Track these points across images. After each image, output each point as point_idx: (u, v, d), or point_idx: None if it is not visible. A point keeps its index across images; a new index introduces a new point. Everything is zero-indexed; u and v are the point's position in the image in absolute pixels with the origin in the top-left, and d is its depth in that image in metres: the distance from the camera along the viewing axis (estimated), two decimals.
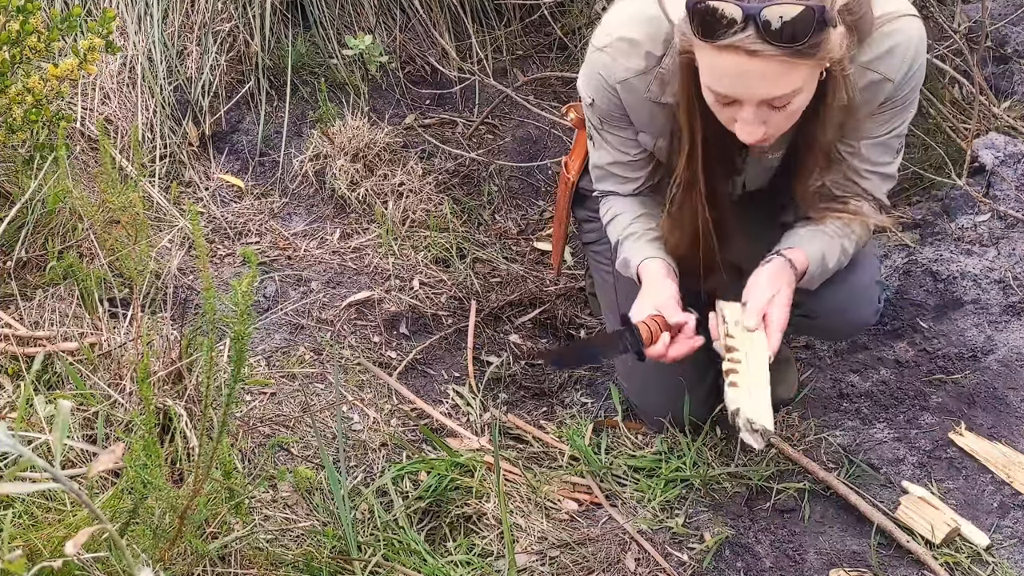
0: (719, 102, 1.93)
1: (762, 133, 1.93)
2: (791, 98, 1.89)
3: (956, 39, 3.32)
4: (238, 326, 1.66)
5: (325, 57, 3.63)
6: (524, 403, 2.75)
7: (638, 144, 2.27)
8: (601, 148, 2.31)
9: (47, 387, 2.30)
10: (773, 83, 1.85)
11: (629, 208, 2.33)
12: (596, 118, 2.25)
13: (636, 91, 2.14)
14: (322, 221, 3.27)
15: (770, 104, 1.89)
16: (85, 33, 2.66)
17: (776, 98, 1.88)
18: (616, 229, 2.34)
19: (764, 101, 1.88)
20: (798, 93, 1.89)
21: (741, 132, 1.94)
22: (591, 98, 2.21)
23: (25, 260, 2.63)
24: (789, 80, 1.85)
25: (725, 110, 1.94)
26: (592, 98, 2.21)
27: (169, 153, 3.34)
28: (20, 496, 1.88)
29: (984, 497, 2.38)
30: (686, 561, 2.24)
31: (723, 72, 1.87)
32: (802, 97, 1.91)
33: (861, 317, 2.44)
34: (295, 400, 2.56)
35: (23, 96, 2.56)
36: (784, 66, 1.82)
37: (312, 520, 2.24)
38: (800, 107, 1.93)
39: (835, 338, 2.69)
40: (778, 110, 1.90)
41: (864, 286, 2.38)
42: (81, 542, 1.10)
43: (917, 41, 2.07)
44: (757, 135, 1.93)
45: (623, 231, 2.31)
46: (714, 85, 1.91)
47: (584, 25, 3.82)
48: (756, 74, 1.83)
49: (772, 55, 1.80)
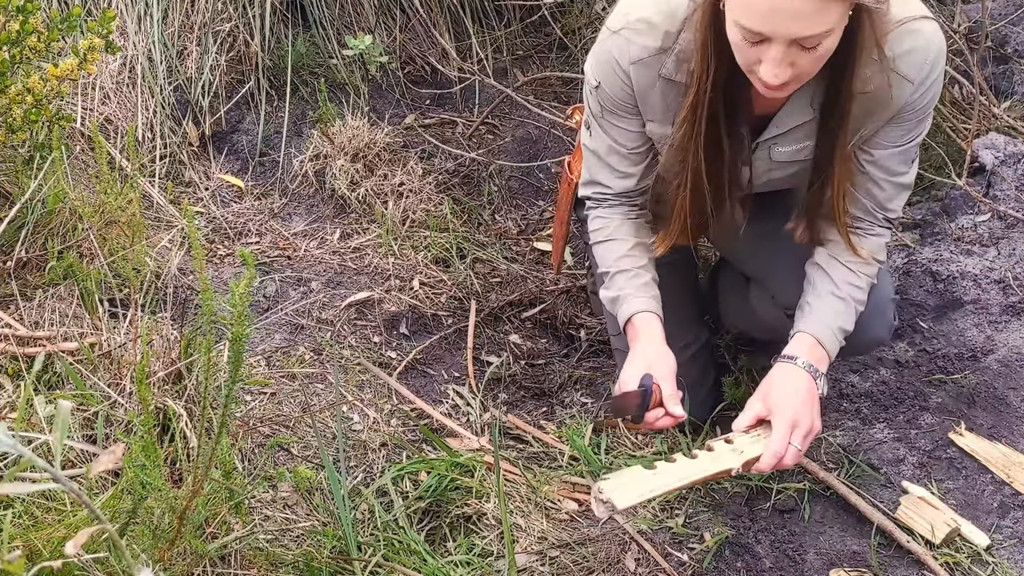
0: (747, 40, 1.86)
1: (788, 75, 1.87)
2: (822, 39, 1.83)
3: (956, 39, 3.32)
4: (236, 327, 1.66)
5: (325, 57, 3.63)
6: (524, 403, 2.75)
7: (637, 138, 2.22)
8: (599, 136, 2.25)
9: (47, 387, 2.30)
10: (807, 21, 1.79)
11: (624, 234, 2.28)
12: (598, 104, 2.20)
13: (650, 69, 2.09)
14: (322, 221, 3.27)
15: (800, 44, 1.83)
16: (85, 33, 2.65)
17: (808, 37, 1.82)
18: (609, 256, 2.28)
19: (795, 40, 1.82)
20: (829, 34, 1.83)
21: (766, 73, 1.86)
22: (598, 81, 2.16)
23: (25, 260, 2.63)
24: (823, 19, 1.80)
25: (751, 50, 1.87)
26: (599, 81, 2.16)
27: (169, 153, 3.33)
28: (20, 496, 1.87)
29: (984, 497, 2.37)
30: (686, 561, 2.24)
31: (756, 8, 1.81)
32: (831, 39, 1.85)
33: (876, 335, 2.41)
34: (295, 400, 2.56)
35: (23, 96, 2.55)
36: (820, 3, 1.77)
37: (312, 520, 2.24)
38: (828, 51, 1.87)
39: (848, 355, 2.61)
40: (807, 51, 1.84)
41: (879, 304, 2.34)
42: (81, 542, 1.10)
43: (938, 47, 2.04)
44: (783, 76, 1.86)
45: (616, 262, 2.26)
46: (745, 21, 1.83)
47: (584, 25, 3.82)
48: (790, 11, 1.78)
49: None
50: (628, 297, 2.23)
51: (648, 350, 2.17)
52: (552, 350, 2.94)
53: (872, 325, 2.34)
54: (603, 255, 2.30)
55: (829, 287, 2.21)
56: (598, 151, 2.27)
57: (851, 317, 2.21)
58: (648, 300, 2.23)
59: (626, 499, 1.94)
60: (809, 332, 2.18)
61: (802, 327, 2.20)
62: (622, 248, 2.28)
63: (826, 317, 2.19)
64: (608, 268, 2.28)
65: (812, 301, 2.22)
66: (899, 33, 1.98)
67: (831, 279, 2.21)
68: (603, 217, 2.31)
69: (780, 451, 2.04)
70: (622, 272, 2.26)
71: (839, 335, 2.20)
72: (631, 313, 2.22)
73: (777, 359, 2.18)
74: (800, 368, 2.14)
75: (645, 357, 2.16)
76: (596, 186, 2.31)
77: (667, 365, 2.14)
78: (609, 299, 2.27)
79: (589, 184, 2.33)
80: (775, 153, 2.19)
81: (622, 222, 2.30)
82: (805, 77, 1.93)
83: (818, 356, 2.17)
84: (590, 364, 2.89)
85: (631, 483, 1.98)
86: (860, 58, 1.94)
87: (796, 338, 2.19)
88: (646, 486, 1.98)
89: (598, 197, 2.32)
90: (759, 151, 2.18)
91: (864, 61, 1.95)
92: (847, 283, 2.21)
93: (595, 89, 2.18)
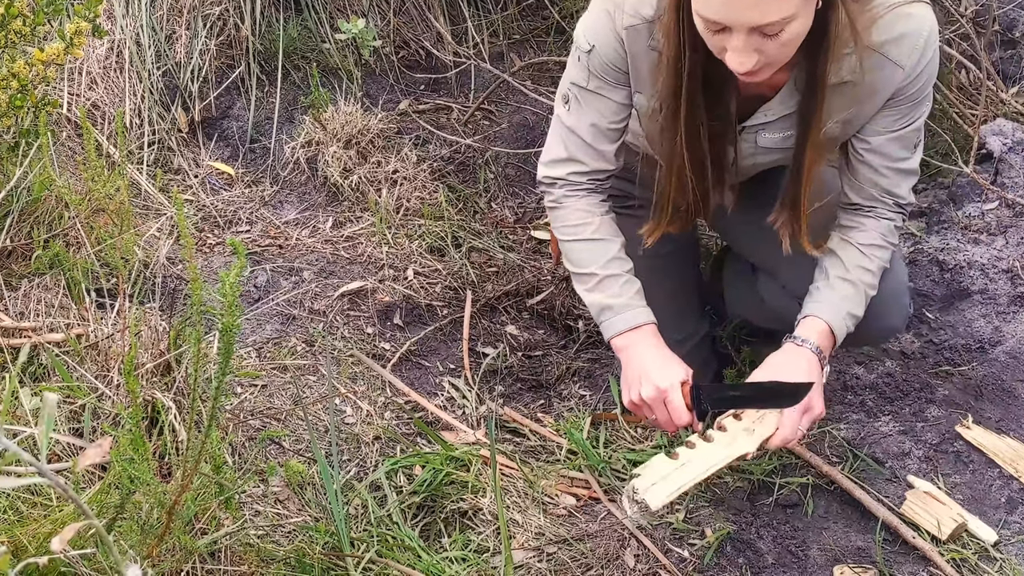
0: (709, 29, 1.87)
1: (754, 62, 1.86)
2: (783, 25, 1.82)
3: (963, 23, 3.32)
4: (226, 318, 1.64)
5: (317, 41, 3.62)
6: (521, 396, 2.74)
7: (619, 111, 2.19)
8: (578, 110, 2.20)
9: (33, 379, 2.29)
10: (764, 9, 1.79)
11: (608, 233, 2.25)
12: (587, 71, 2.16)
13: (641, 37, 2.07)
14: (314, 209, 3.25)
15: (762, 32, 1.82)
16: (72, 16, 2.65)
17: (767, 25, 1.81)
18: (598, 258, 2.24)
19: (755, 28, 1.82)
20: (790, 20, 1.82)
21: (732, 61, 1.87)
22: (592, 44, 2.12)
23: (10, 249, 2.62)
24: (781, 6, 1.79)
25: (715, 38, 1.87)
26: (593, 44, 2.12)
27: (158, 140, 3.32)
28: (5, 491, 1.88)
29: (992, 492, 2.36)
30: (687, 557, 2.23)
31: None
32: (796, 25, 1.84)
33: (891, 324, 2.42)
34: (286, 392, 2.55)
35: (8, 81, 2.55)
36: None
37: (304, 515, 2.23)
38: (795, 37, 1.86)
39: (863, 345, 2.63)
40: (770, 38, 1.84)
41: (894, 292, 2.34)
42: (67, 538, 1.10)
43: (929, 30, 2.02)
44: (748, 64, 1.86)
45: (606, 265, 2.23)
46: (703, 10, 1.84)
47: (581, 8, 3.79)
48: (746, 0, 1.78)
49: None
50: (630, 307, 2.22)
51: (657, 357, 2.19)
52: (550, 341, 2.93)
53: (888, 313, 2.35)
54: (589, 255, 2.26)
55: (839, 271, 2.21)
56: (576, 127, 2.21)
57: (861, 302, 2.22)
58: (648, 311, 2.23)
59: (658, 498, 2.02)
60: (820, 316, 2.19)
61: (813, 311, 2.20)
62: (611, 249, 2.24)
63: (835, 302, 2.20)
64: (596, 271, 2.24)
65: (822, 286, 2.23)
66: (890, 18, 1.97)
67: (842, 262, 2.21)
68: (584, 211, 2.26)
69: (791, 436, 2.12)
70: (613, 277, 2.23)
71: (848, 320, 2.20)
72: (638, 324, 2.21)
73: (787, 339, 2.20)
74: (809, 351, 2.16)
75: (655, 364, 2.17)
76: (571, 164, 2.24)
77: (676, 376, 2.16)
78: (599, 304, 2.24)
79: (563, 163, 2.25)
80: (761, 139, 2.19)
81: (603, 218, 2.26)
82: (778, 63, 1.92)
83: (826, 340, 2.18)
84: (589, 356, 2.88)
85: (661, 480, 2.04)
86: (832, 46, 1.94)
87: (806, 322, 2.20)
88: (675, 483, 2.05)
89: (572, 180, 2.25)
90: (745, 135, 2.18)
91: (838, 48, 1.95)
92: (858, 266, 2.21)
93: (587, 54, 2.14)
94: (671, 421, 2.14)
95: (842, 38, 1.93)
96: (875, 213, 2.21)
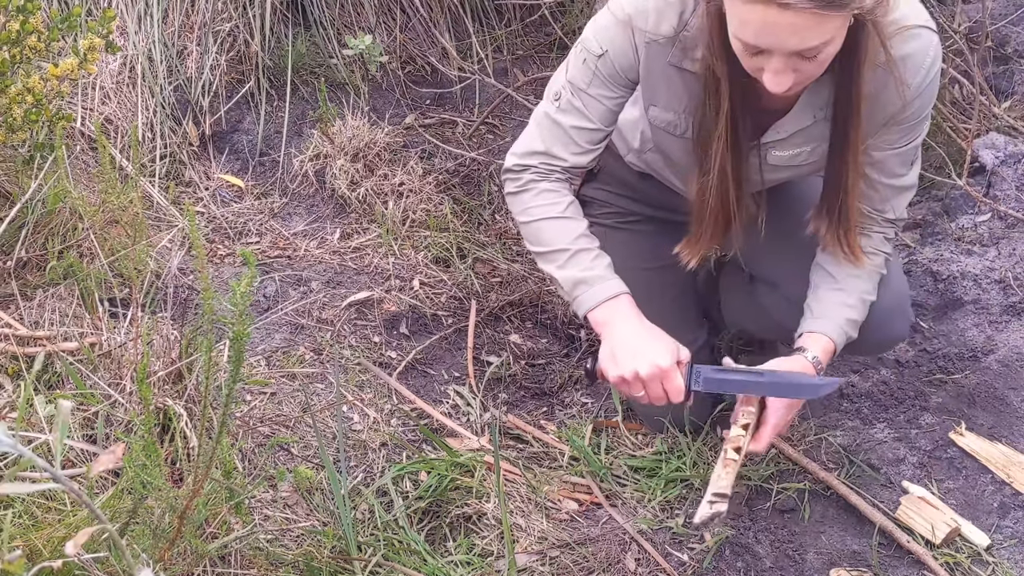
0: (747, 52, 1.89)
1: (791, 80, 1.90)
2: (821, 49, 1.85)
3: (956, 39, 3.32)
4: (237, 326, 1.65)
5: (325, 57, 3.63)
6: (524, 403, 2.75)
7: (610, 115, 2.21)
8: (570, 109, 2.20)
9: (47, 387, 2.29)
10: (804, 35, 1.82)
11: (576, 213, 2.26)
12: (591, 73, 2.16)
13: (662, 55, 2.09)
14: (322, 221, 3.26)
15: (800, 55, 1.86)
16: (85, 33, 2.65)
17: (807, 49, 1.84)
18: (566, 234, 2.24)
19: (794, 52, 1.85)
20: (828, 44, 1.86)
21: (769, 82, 1.90)
22: (604, 49, 2.13)
23: (25, 260, 2.62)
24: (820, 32, 1.82)
25: (753, 59, 1.90)
26: (606, 50, 2.13)
27: (169, 153, 3.33)
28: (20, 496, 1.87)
29: (984, 497, 2.37)
30: (686, 561, 2.24)
31: (753, 24, 1.83)
32: (832, 47, 1.88)
33: (895, 332, 2.43)
34: (295, 400, 2.56)
35: (23, 96, 2.55)
36: (816, 18, 1.79)
37: (312, 520, 2.24)
38: (830, 56, 1.90)
39: (867, 353, 2.64)
40: (808, 60, 1.87)
41: (896, 300, 2.36)
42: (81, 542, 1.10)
43: (935, 51, 2.06)
44: (786, 85, 1.90)
45: (575, 241, 2.23)
46: (743, 36, 1.86)
47: (583, 25, 3.81)
48: (787, 26, 1.80)
49: (804, 8, 1.77)
50: (603, 279, 2.21)
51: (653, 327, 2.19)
52: (552, 350, 2.93)
53: (892, 322, 2.37)
54: (558, 232, 2.25)
55: (829, 282, 2.25)
56: (563, 124, 2.22)
57: (857, 306, 2.24)
58: (621, 282, 2.22)
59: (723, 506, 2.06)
60: (819, 332, 2.22)
61: (811, 327, 2.24)
62: (580, 227, 2.25)
63: (831, 313, 2.23)
64: (567, 245, 2.23)
65: (813, 304, 2.26)
66: (898, 39, 2.00)
67: (831, 275, 2.25)
68: (553, 191, 2.26)
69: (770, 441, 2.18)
70: (585, 251, 2.23)
71: (848, 327, 2.23)
72: (616, 293, 2.20)
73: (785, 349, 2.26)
74: (806, 360, 2.19)
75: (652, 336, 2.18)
76: (547, 157, 2.25)
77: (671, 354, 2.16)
78: (572, 279, 2.22)
79: (538, 154, 2.26)
80: (771, 157, 2.20)
81: (572, 201, 2.27)
82: (811, 79, 1.96)
83: (825, 351, 2.22)
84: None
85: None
86: (866, 61, 1.97)
87: (805, 337, 2.23)
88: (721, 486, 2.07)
89: (542, 168, 2.26)
90: (755, 152, 2.19)
91: (870, 63, 1.97)
92: (849, 276, 2.24)
93: (597, 58, 2.15)
94: (665, 398, 2.15)
95: (872, 53, 1.96)
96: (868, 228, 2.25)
